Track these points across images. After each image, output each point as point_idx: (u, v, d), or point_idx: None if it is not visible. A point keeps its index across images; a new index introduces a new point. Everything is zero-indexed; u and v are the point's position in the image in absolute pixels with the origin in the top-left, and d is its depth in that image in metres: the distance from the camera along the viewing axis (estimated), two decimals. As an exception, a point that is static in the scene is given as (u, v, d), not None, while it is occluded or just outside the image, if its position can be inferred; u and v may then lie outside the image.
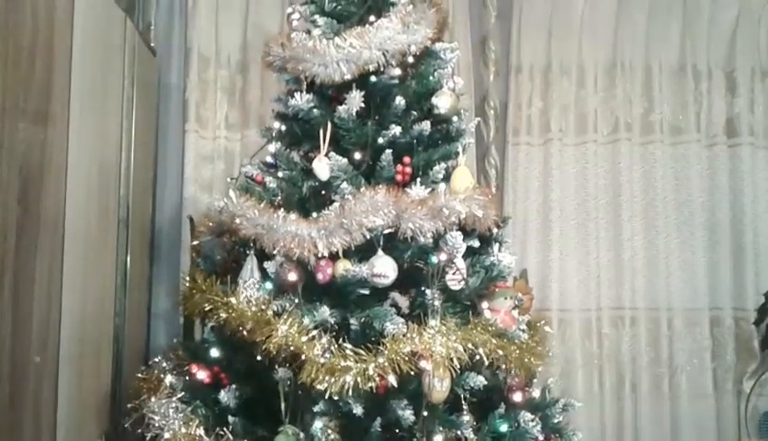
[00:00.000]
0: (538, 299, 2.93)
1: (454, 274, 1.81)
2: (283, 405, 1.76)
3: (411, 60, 1.93)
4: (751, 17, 3.18)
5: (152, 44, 2.90)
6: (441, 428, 1.71)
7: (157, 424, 1.78)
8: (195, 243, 2.01)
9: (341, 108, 1.88)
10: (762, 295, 3.01)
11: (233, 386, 1.86)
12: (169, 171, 2.98)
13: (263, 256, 1.83)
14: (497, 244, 1.97)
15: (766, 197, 3.15)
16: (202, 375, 1.87)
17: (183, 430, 1.76)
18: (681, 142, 3.15)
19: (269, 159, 2.02)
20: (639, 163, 3.12)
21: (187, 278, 1.97)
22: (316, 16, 1.96)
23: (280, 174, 1.96)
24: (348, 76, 1.86)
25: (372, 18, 1.91)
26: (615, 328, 3.07)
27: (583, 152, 3.11)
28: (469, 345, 1.69)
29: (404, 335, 1.69)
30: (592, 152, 3.10)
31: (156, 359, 2.02)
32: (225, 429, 1.78)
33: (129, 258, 2.55)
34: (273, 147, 2.01)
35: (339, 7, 1.96)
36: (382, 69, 1.89)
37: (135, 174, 2.59)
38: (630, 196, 3.09)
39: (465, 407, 1.75)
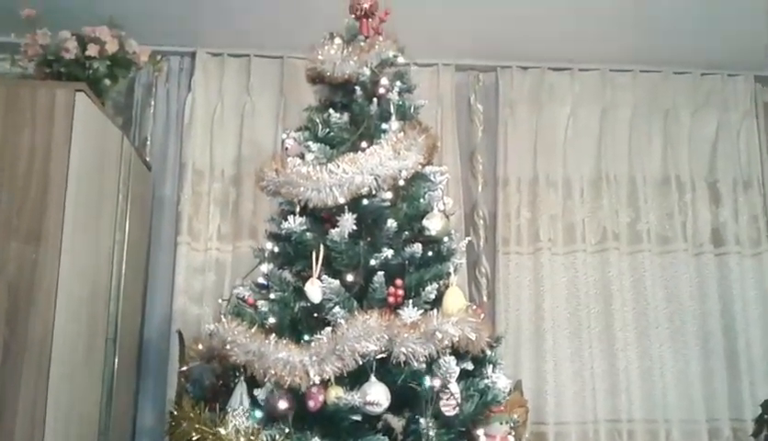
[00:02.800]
0: (534, 410, 2.88)
1: (448, 400, 1.77)
2: None
3: (402, 183, 1.97)
4: (730, 131, 3.31)
5: (147, 159, 2.95)
6: None
7: None
8: (184, 368, 1.97)
9: (333, 231, 1.90)
10: (759, 406, 2.96)
11: None
12: (159, 283, 2.97)
13: (253, 382, 1.80)
14: (491, 366, 1.95)
15: (756, 305, 3.17)
16: (188, 508, 1.79)
17: None
18: (668, 251, 3.19)
19: (261, 280, 2.02)
20: (629, 272, 3.15)
21: (175, 404, 1.91)
22: (310, 142, 2.01)
23: (272, 295, 1.96)
24: (341, 200, 1.89)
25: (364, 145, 1.96)
26: (612, 441, 3.01)
27: (573, 262, 3.14)
28: (466, 477, 1.64)
29: (398, 468, 1.64)
30: (582, 262, 3.13)
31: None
32: None
33: (115, 375, 2.50)
34: (265, 267, 2.01)
35: (332, 134, 2.02)
36: (374, 192, 1.93)
37: (125, 288, 2.58)
38: (622, 305, 3.10)
39: None
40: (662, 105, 3.31)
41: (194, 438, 1.75)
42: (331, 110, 2.07)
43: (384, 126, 2.03)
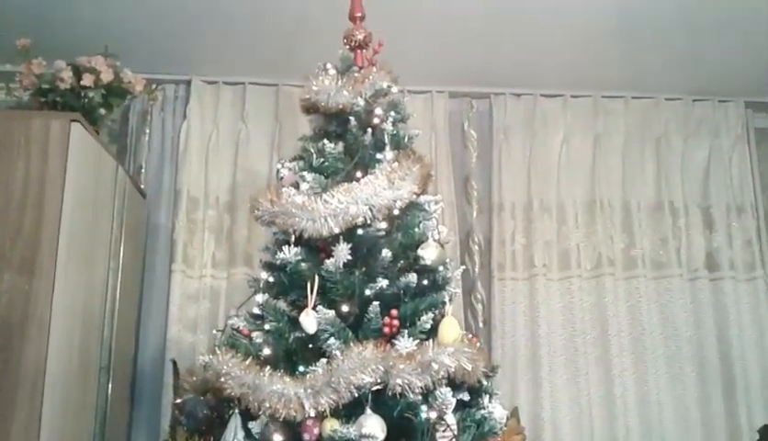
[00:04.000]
0: (531, 438, 2.85)
1: (444, 431, 1.76)
2: None
3: (396, 213, 1.97)
4: (722, 157, 3.34)
5: (142, 186, 2.95)
6: None
7: None
8: (178, 401, 1.95)
9: (328, 262, 1.90)
10: (757, 431, 2.95)
11: None
12: (153, 311, 2.95)
13: (247, 415, 1.78)
14: (487, 396, 1.94)
15: (752, 330, 3.17)
16: None
17: None
18: (663, 277, 3.20)
19: (256, 310, 2.01)
20: (624, 297, 3.15)
21: (168, 437, 1.90)
22: (304, 172, 2.01)
23: (267, 325, 1.94)
24: (336, 230, 1.89)
25: (359, 174, 1.97)
26: (611, 469, 2.99)
27: (568, 287, 3.14)
28: (463, 510, 1.62)
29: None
30: (577, 287, 3.13)
31: None
32: None
33: (109, 404, 2.48)
34: (260, 297, 2.01)
35: (327, 164, 2.02)
36: (369, 222, 1.93)
37: (119, 316, 2.57)
38: (617, 330, 3.09)
39: None
40: (655, 131, 3.33)
41: (188, 472, 1.74)
42: (325, 140, 2.08)
43: (378, 156, 2.03)
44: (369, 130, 2.08)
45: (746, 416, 3.06)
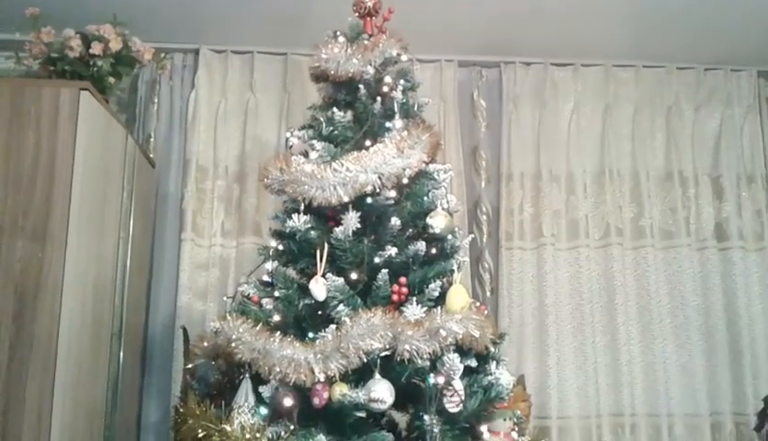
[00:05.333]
0: (537, 405, 2.88)
1: (452, 396, 1.79)
2: None
3: (405, 181, 1.97)
4: (733, 126, 3.31)
5: (151, 155, 2.96)
6: None
7: None
8: (189, 365, 1.98)
9: (337, 229, 1.91)
10: (762, 400, 2.97)
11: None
12: (164, 279, 2.97)
13: (258, 380, 1.81)
14: (494, 362, 1.96)
15: (760, 299, 3.17)
16: (195, 505, 1.80)
17: None
18: (672, 246, 3.19)
19: (266, 277, 2.03)
20: (632, 266, 3.15)
21: (180, 401, 1.93)
22: (314, 141, 2.02)
23: (277, 293, 1.97)
24: (345, 198, 1.90)
25: (368, 143, 1.97)
26: (615, 435, 3.01)
27: (576, 257, 3.14)
28: (470, 474, 1.65)
29: (403, 464, 1.65)
30: (585, 257, 3.13)
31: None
32: None
33: (120, 371, 2.52)
34: (270, 265, 2.02)
35: (336, 132, 2.03)
36: (378, 190, 1.94)
37: (130, 284, 2.60)
38: (625, 300, 3.10)
39: None
40: (666, 100, 3.30)
41: (199, 435, 1.77)
42: (335, 109, 2.08)
43: (388, 124, 2.03)
44: (379, 98, 2.08)
45: (752, 385, 3.07)
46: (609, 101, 3.27)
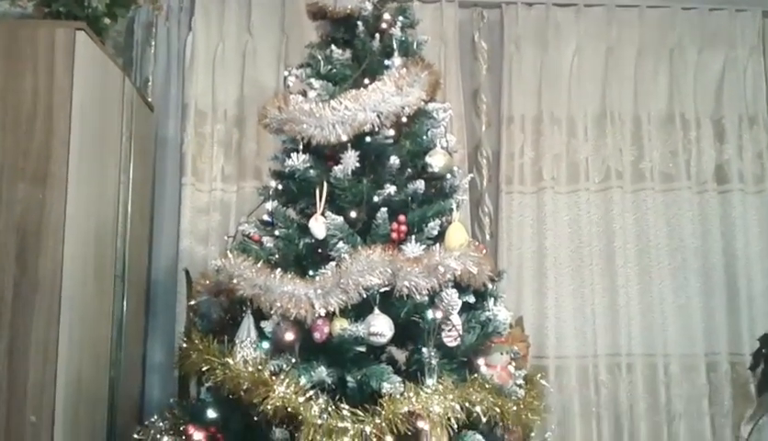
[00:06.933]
0: (535, 345, 2.93)
1: (450, 331, 1.82)
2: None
3: (404, 120, 1.97)
4: (737, 68, 3.27)
5: (149, 99, 2.94)
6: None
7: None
8: (192, 303, 2.02)
9: (336, 168, 1.92)
10: (757, 340, 3.01)
11: (230, 446, 1.86)
12: (165, 224, 2.99)
13: (260, 315, 1.84)
14: (492, 299, 1.99)
15: (758, 242, 3.18)
16: (199, 436, 1.86)
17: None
18: (671, 189, 3.19)
19: (266, 217, 2.04)
20: (632, 210, 3.16)
21: (184, 337, 1.97)
22: (312, 79, 2.01)
23: (277, 232, 1.98)
24: (344, 137, 1.90)
25: (366, 81, 1.96)
26: (611, 375, 3.07)
27: (576, 200, 3.14)
28: (467, 404, 1.69)
29: (401, 395, 1.69)
30: (585, 200, 3.14)
31: (152, 419, 2.01)
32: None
33: (124, 312, 2.56)
34: (270, 205, 2.04)
35: (334, 70, 2.01)
36: (377, 129, 1.93)
37: (132, 228, 2.62)
38: (624, 242, 3.11)
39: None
40: (669, 42, 3.25)
41: (203, 369, 1.81)
42: (333, 46, 2.06)
43: (387, 62, 2.02)
44: (377, 35, 2.05)
45: (748, 326, 3.10)
46: (611, 43, 3.22)
